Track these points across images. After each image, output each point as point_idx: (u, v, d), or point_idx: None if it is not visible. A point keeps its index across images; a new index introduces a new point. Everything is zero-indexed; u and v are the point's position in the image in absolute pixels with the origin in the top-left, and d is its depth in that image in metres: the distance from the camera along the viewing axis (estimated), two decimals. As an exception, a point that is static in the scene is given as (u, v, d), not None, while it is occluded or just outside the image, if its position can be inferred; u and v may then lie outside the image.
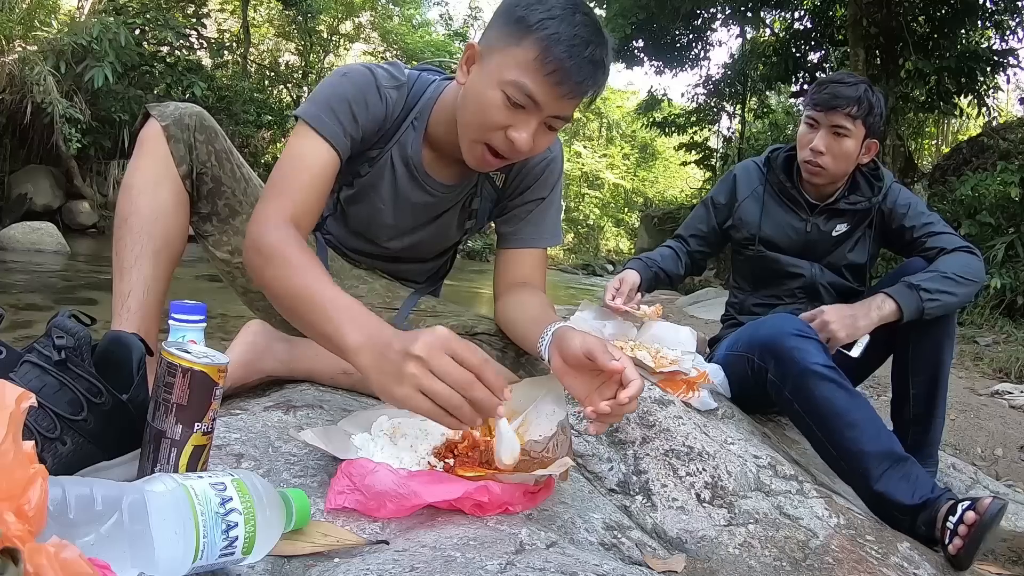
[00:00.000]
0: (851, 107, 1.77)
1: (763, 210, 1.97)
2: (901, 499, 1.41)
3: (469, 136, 1.15)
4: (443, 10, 24.69)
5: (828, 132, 1.81)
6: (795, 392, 1.53)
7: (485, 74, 1.10)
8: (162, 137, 1.19)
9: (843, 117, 1.78)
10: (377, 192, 1.34)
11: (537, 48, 1.04)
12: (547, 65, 1.04)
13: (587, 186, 27.83)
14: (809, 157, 1.84)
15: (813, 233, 1.93)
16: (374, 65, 1.25)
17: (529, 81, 1.06)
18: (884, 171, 1.94)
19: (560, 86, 1.06)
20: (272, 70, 16.93)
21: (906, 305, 1.63)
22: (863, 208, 1.90)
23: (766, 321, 1.69)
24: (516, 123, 1.10)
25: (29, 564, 0.44)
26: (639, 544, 1.06)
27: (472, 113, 1.13)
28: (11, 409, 0.49)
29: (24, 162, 10.49)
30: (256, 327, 1.39)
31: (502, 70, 1.07)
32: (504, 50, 1.08)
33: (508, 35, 1.08)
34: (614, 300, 1.81)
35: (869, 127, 1.81)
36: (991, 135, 8.30)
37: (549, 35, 1.04)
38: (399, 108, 1.26)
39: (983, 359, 4.69)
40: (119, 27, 9.91)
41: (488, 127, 1.11)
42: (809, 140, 1.84)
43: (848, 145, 1.81)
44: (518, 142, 1.10)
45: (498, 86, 1.08)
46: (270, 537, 0.68)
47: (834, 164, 1.83)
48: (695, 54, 13.74)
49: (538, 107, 1.08)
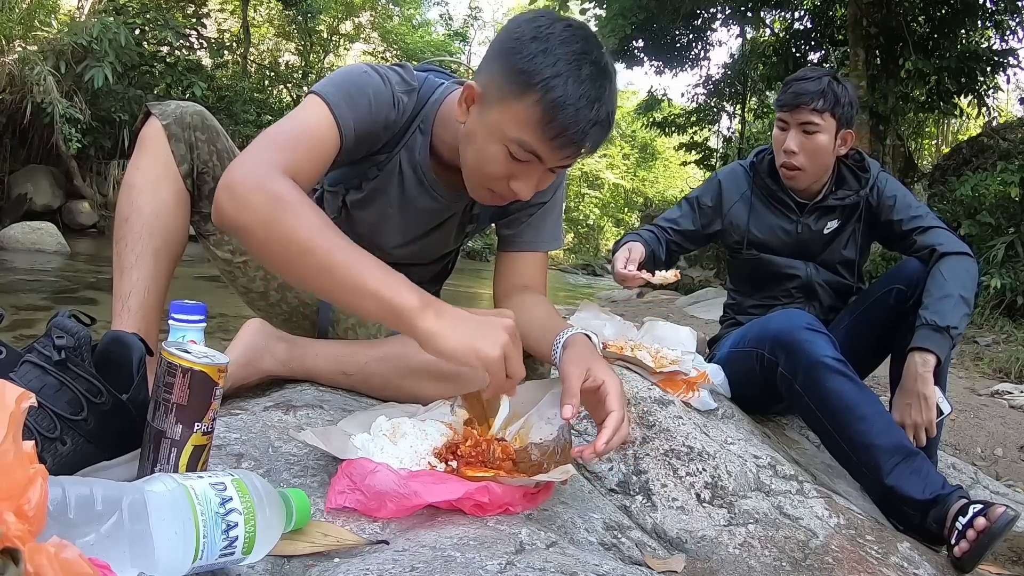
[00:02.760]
0: (815, 102, 1.76)
1: (752, 213, 1.97)
2: (912, 494, 1.41)
3: (473, 181, 1.16)
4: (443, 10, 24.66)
5: (798, 131, 1.80)
6: (806, 385, 1.53)
7: (485, 123, 1.07)
8: (163, 136, 1.19)
9: (809, 113, 1.77)
10: (386, 197, 1.33)
11: (540, 110, 1.00)
12: (551, 129, 1.01)
13: (587, 186, 27.84)
14: (784, 159, 1.84)
15: (804, 233, 1.92)
16: (386, 68, 1.22)
17: (532, 140, 1.03)
18: (869, 161, 1.93)
19: (564, 148, 1.04)
20: (272, 70, 16.93)
21: (942, 349, 1.61)
22: (852, 202, 1.89)
23: (776, 316, 1.70)
24: (518, 174, 1.08)
25: (29, 564, 0.44)
26: (639, 544, 1.06)
27: (474, 160, 1.12)
28: (11, 409, 0.49)
29: (24, 162, 10.49)
30: (256, 327, 1.38)
31: (504, 126, 1.04)
32: (505, 103, 1.04)
33: (509, 87, 1.03)
34: (627, 268, 1.74)
35: (839, 118, 1.79)
36: (991, 135, 8.30)
37: (555, 99, 0.99)
38: (408, 113, 1.25)
39: (983, 359, 4.69)
40: (119, 27, 9.91)
41: (491, 177, 1.11)
42: (782, 142, 1.83)
43: (820, 140, 1.79)
44: (521, 192, 1.10)
45: (500, 141, 1.05)
46: (270, 537, 0.68)
47: (809, 162, 1.82)
48: (695, 54, 13.72)
49: (541, 162, 1.07)
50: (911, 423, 1.61)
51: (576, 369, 1.01)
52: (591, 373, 1.01)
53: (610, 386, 1.01)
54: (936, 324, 1.61)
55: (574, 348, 1.08)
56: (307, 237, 0.91)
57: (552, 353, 1.12)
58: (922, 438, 1.61)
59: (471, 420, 1.08)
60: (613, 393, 1.00)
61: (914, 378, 1.61)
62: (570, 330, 1.12)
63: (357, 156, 1.23)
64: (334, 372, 1.34)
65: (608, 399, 1.00)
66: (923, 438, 1.61)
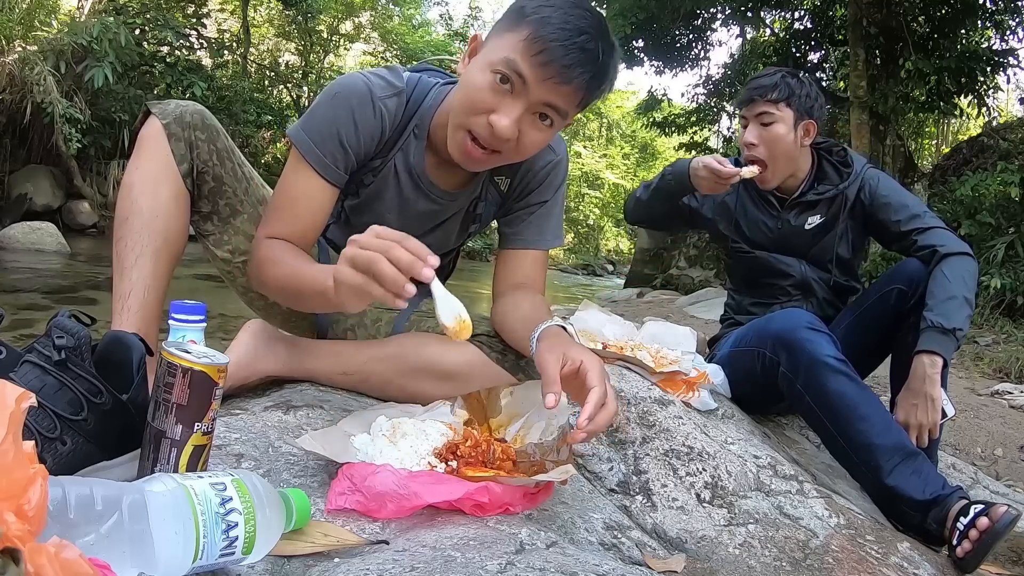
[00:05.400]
0: (769, 93, 1.80)
1: (738, 208, 1.99)
2: (912, 494, 1.41)
3: (454, 121, 1.15)
4: (443, 10, 24.70)
5: (755, 123, 1.83)
6: (807, 384, 1.54)
7: (479, 59, 1.12)
8: (163, 135, 1.19)
9: (764, 104, 1.81)
10: (382, 201, 1.33)
11: (529, 28, 1.05)
12: (535, 44, 1.04)
13: (587, 186, 27.81)
14: (746, 153, 1.86)
15: (785, 228, 1.93)
16: (371, 73, 1.23)
17: (517, 57, 1.06)
18: (853, 156, 1.93)
19: (547, 67, 1.05)
20: (272, 70, 16.93)
21: (948, 351, 1.62)
22: (832, 195, 1.89)
23: (777, 315, 1.70)
24: (500, 107, 1.08)
25: (29, 564, 0.44)
26: (639, 544, 1.06)
27: (460, 97, 1.14)
28: (11, 409, 0.49)
29: (24, 162, 10.48)
30: (256, 327, 1.38)
31: (494, 52, 1.09)
32: (500, 36, 1.10)
33: (506, 23, 1.10)
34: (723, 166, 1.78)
35: (798, 109, 1.81)
36: (991, 135, 8.30)
37: (541, 18, 1.05)
38: (399, 116, 1.25)
39: (983, 359, 4.68)
40: (119, 27, 9.90)
41: (472, 110, 1.10)
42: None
43: (778, 130, 1.81)
44: (498, 126, 1.08)
45: (488, 68, 1.08)
46: (270, 537, 0.68)
47: (769, 152, 1.83)
48: (695, 54, 13.71)
49: (525, 87, 1.06)
50: (916, 424, 1.61)
51: (551, 356, 0.99)
52: (567, 357, 0.99)
53: (588, 364, 0.98)
54: (943, 327, 1.61)
55: (548, 339, 1.06)
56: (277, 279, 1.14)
57: (530, 347, 1.10)
58: (925, 439, 1.61)
59: (471, 420, 1.08)
60: (593, 371, 0.97)
61: (922, 379, 1.61)
62: (545, 322, 1.10)
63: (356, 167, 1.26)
64: (334, 372, 1.34)
65: (588, 376, 0.97)
66: (926, 439, 1.61)
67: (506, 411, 1.10)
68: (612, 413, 0.96)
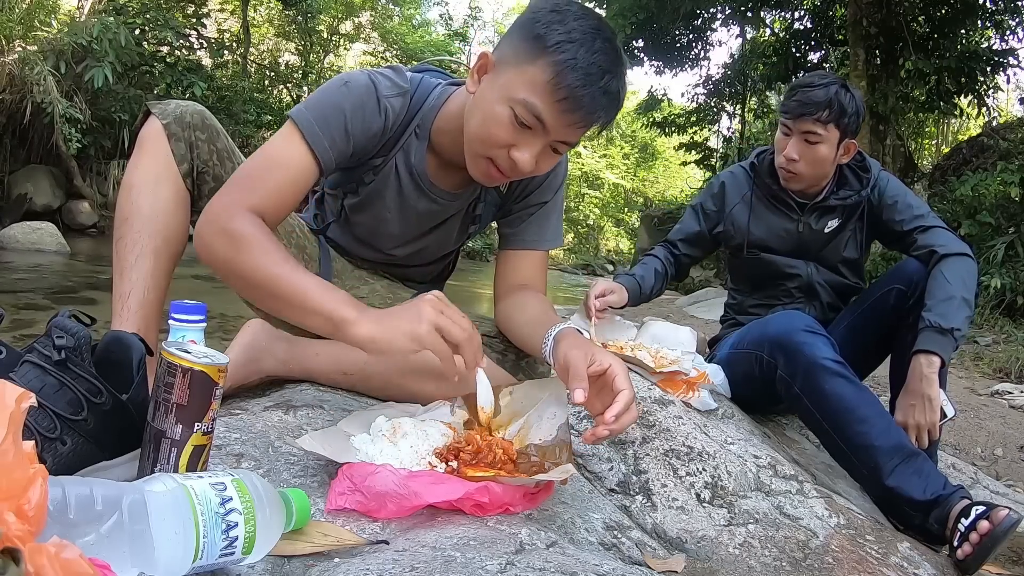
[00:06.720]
0: (820, 112, 1.75)
1: (752, 214, 1.97)
2: (913, 495, 1.41)
3: (473, 149, 1.14)
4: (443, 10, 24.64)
5: (800, 139, 1.79)
6: (805, 387, 1.53)
7: (496, 87, 1.08)
8: (163, 135, 1.19)
9: (813, 123, 1.76)
10: (382, 200, 1.33)
11: (551, 71, 1.01)
12: (559, 91, 1.02)
13: (587, 186, 27.81)
14: (783, 164, 1.84)
15: (805, 232, 1.92)
16: (376, 72, 1.23)
17: (539, 102, 1.03)
18: (870, 161, 1.93)
19: (570, 114, 1.04)
20: (272, 70, 16.93)
21: (946, 351, 1.61)
22: (853, 202, 1.89)
23: (775, 318, 1.70)
24: (521, 143, 1.08)
25: (29, 564, 0.44)
26: (639, 544, 1.06)
27: (478, 126, 1.11)
28: (11, 409, 0.49)
29: (24, 162, 10.48)
30: (256, 327, 1.38)
31: (513, 87, 1.05)
32: (518, 66, 1.05)
33: (524, 51, 1.05)
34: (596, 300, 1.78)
35: (843, 129, 1.78)
36: (991, 135, 8.30)
37: (565, 60, 1.01)
38: (402, 116, 1.25)
39: (983, 359, 4.69)
40: (119, 27, 9.90)
41: (492, 143, 1.09)
42: (784, 146, 1.83)
43: (821, 151, 1.79)
44: (520, 162, 1.08)
45: (507, 103, 1.05)
46: (270, 537, 0.68)
47: (809, 170, 1.82)
48: (695, 54, 13.73)
49: (545, 130, 1.06)
50: (914, 424, 1.61)
51: (579, 353, 1.00)
52: (595, 358, 1.00)
53: (617, 368, 0.98)
54: (941, 327, 1.60)
55: (569, 339, 1.06)
56: (255, 271, 1.01)
57: (543, 348, 1.10)
58: (924, 440, 1.60)
59: (471, 420, 1.08)
60: (621, 374, 0.98)
61: (919, 379, 1.61)
62: (561, 324, 1.11)
63: (351, 163, 1.24)
64: (334, 372, 1.34)
65: (617, 379, 0.97)
66: (925, 440, 1.61)
67: (506, 411, 1.10)
68: (635, 417, 0.98)
